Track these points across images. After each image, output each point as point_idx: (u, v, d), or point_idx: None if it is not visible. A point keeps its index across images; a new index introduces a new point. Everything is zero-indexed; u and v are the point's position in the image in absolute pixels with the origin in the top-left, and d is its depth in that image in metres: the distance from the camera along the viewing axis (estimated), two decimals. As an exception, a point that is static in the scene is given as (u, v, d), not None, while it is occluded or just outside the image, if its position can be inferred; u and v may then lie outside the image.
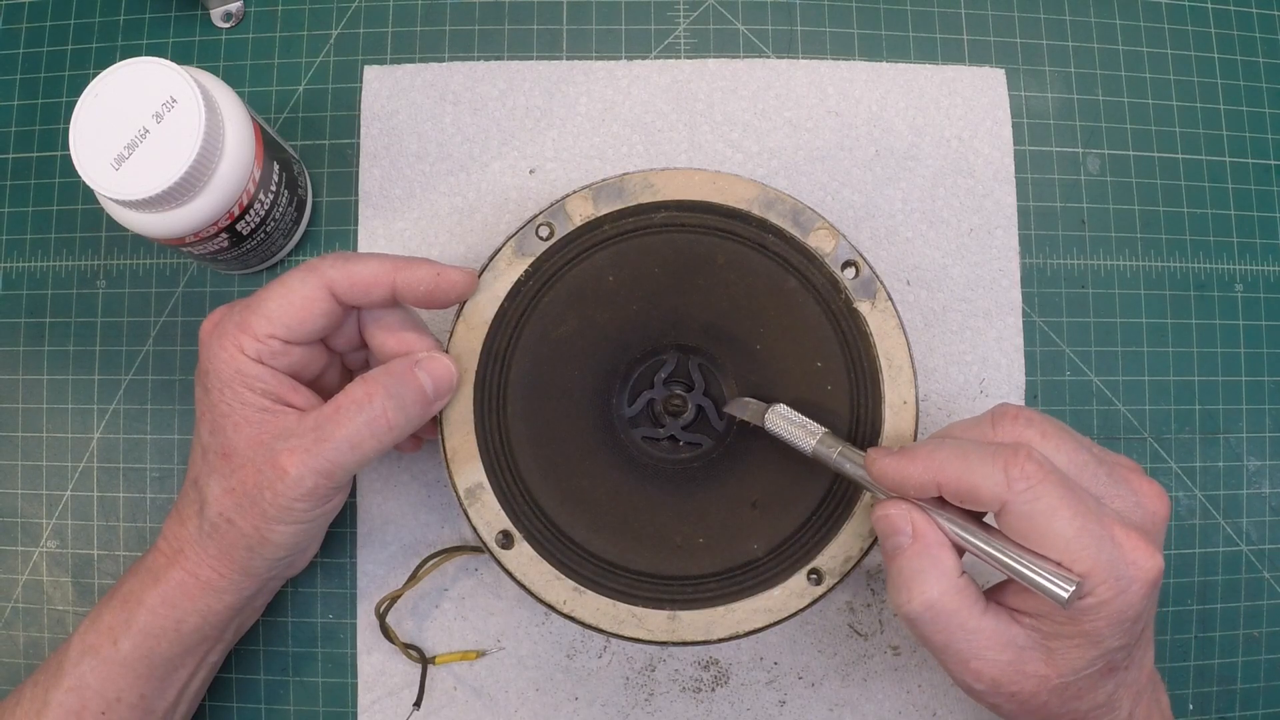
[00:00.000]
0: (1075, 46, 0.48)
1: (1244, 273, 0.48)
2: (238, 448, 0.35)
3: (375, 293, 0.36)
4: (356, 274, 0.35)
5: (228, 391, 0.35)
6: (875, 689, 0.45)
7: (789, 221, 0.39)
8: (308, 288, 0.35)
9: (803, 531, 0.38)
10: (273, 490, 0.34)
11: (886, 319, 0.39)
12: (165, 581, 0.37)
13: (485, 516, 0.38)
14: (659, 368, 0.42)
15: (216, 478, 0.35)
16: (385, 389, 0.35)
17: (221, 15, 0.47)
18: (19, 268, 0.47)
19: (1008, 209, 0.47)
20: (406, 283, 0.36)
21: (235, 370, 0.35)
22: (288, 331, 0.35)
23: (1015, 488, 0.31)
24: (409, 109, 0.46)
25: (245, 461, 0.35)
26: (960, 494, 0.32)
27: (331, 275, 0.35)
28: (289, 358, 0.36)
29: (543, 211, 0.39)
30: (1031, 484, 0.31)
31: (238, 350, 0.35)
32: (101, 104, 0.36)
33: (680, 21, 0.48)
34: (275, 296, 0.35)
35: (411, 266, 0.36)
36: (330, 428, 0.34)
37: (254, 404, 0.35)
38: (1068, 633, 0.32)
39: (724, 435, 0.41)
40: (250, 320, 0.35)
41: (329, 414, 0.35)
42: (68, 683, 0.36)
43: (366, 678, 0.44)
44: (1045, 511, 0.31)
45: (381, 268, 0.36)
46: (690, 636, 0.38)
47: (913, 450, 0.33)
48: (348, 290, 0.36)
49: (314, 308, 0.35)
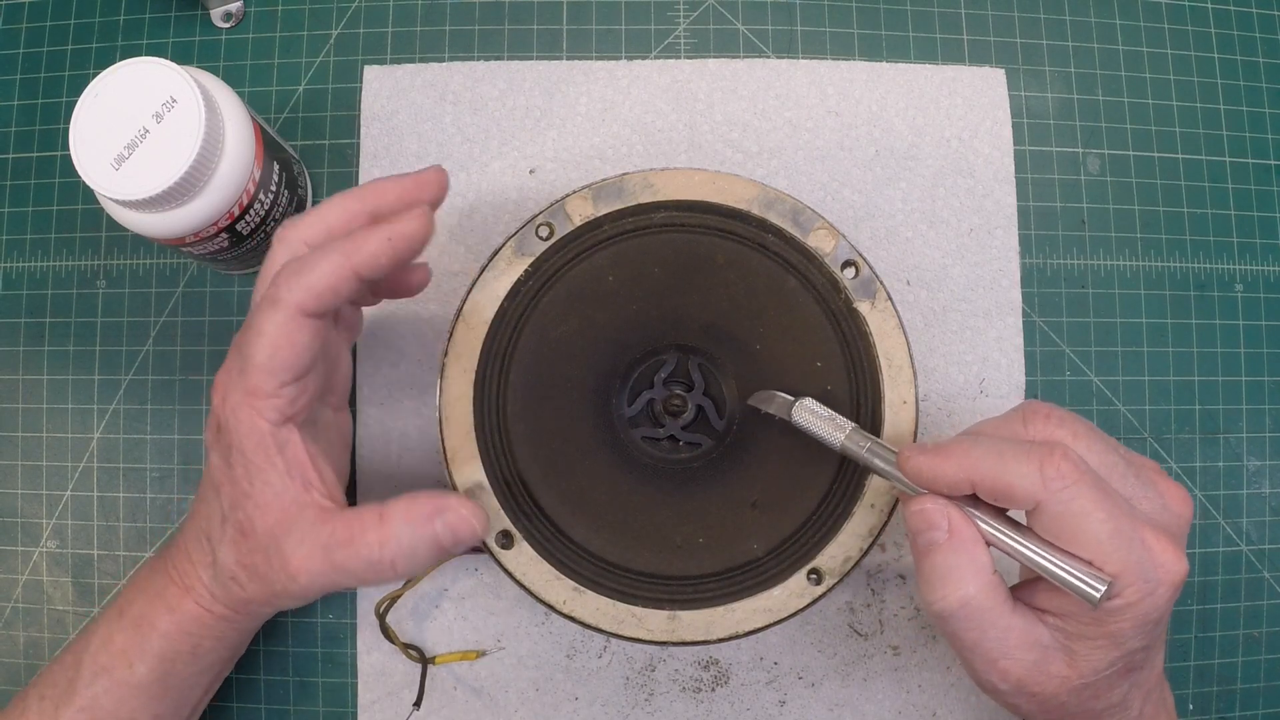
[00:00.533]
0: (1075, 46, 0.48)
1: (1244, 273, 0.48)
2: (255, 530, 0.34)
3: (343, 291, 0.33)
4: (314, 286, 0.33)
5: (250, 467, 0.34)
6: (875, 689, 0.45)
7: (789, 221, 0.39)
8: (279, 325, 0.33)
9: (803, 531, 0.38)
10: (283, 585, 0.34)
11: (886, 319, 0.39)
12: (179, 611, 0.36)
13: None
14: (659, 368, 0.42)
15: (229, 548, 0.35)
16: (398, 540, 0.33)
17: (221, 15, 0.47)
18: (19, 268, 0.47)
19: (1008, 209, 0.47)
20: (365, 266, 0.33)
21: (257, 442, 0.33)
22: (292, 373, 0.33)
23: (1051, 487, 0.31)
24: (409, 109, 0.46)
25: (259, 547, 0.34)
26: (995, 492, 0.32)
27: (298, 299, 0.33)
28: (306, 392, 0.35)
29: (542, 211, 0.39)
30: (1067, 484, 0.31)
31: (259, 418, 0.33)
32: (101, 104, 0.36)
33: (680, 21, 0.48)
34: (260, 347, 0.33)
35: (362, 245, 0.33)
36: (340, 556, 0.33)
37: (275, 483, 0.34)
38: (1091, 634, 0.32)
39: (724, 435, 0.41)
40: (254, 383, 0.33)
41: (342, 539, 0.33)
42: (80, 702, 0.36)
43: (366, 678, 0.44)
44: (1079, 512, 0.31)
45: (334, 265, 0.33)
46: (690, 636, 0.38)
47: (946, 447, 0.33)
48: (317, 305, 0.33)
49: (298, 337, 0.33)
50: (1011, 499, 0.32)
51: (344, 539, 0.33)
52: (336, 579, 0.34)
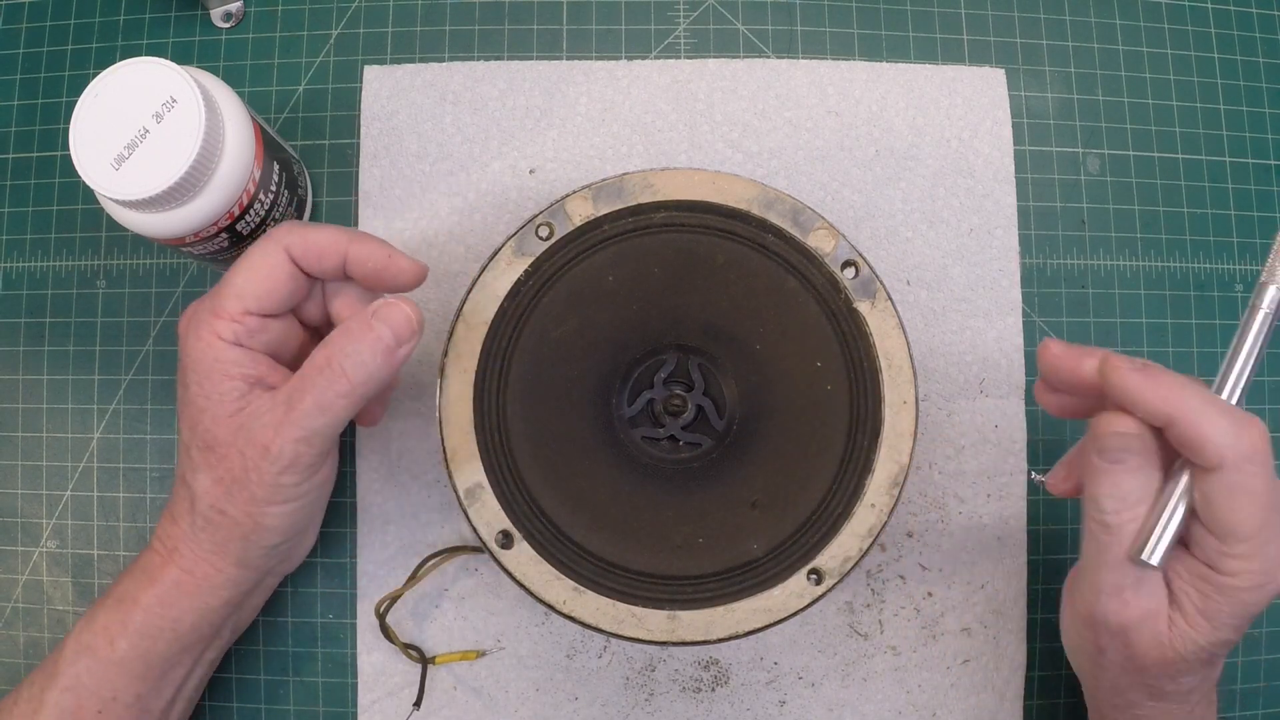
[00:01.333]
0: (1075, 46, 0.48)
1: (1244, 273, 0.48)
2: (219, 438, 0.35)
3: (329, 260, 0.37)
4: (312, 239, 0.36)
5: (206, 384, 0.35)
6: (875, 689, 0.45)
7: (789, 221, 0.39)
8: (269, 256, 0.36)
9: (803, 531, 0.38)
10: (258, 470, 0.35)
11: (886, 319, 0.39)
12: (160, 581, 0.37)
13: (485, 516, 0.38)
14: (659, 368, 0.42)
15: (203, 471, 0.36)
16: (342, 348, 0.35)
17: (221, 15, 0.47)
18: (19, 268, 0.47)
19: (1008, 209, 0.47)
20: (357, 256, 0.37)
21: (213, 359, 0.35)
22: (259, 303, 0.36)
23: (1242, 452, 0.31)
24: (409, 109, 0.46)
25: (228, 449, 0.35)
26: (1187, 437, 0.32)
27: (289, 240, 0.36)
28: (266, 334, 0.37)
29: (542, 211, 0.39)
30: (1255, 457, 0.31)
31: (214, 337, 0.35)
32: (101, 104, 0.36)
33: (680, 21, 0.48)
34: (240, 272, 0.36)
35: (365, 241, 0.37)
36: (297, 397, 0.35)
37: (231, 393, 0.35)
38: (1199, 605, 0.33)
39: (724, 435, 0.42)
40: (221, 303, 0.36)
41: (295, 384, 0.35)
42: (63, 682, 0.36)
43: (366, 678, 0.44)
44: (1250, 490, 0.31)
45: (336, 236, 0.37)
46: (690, 636, 0.38)
47: (1158, 374, 0.32)
48: (303, 254, 0.36)
49: (278, 273, 0.36)
50: (1200, 449, 0.31)
51: (295, 384, 0.35)
52: (304, 423, 0.35)
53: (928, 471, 0.45)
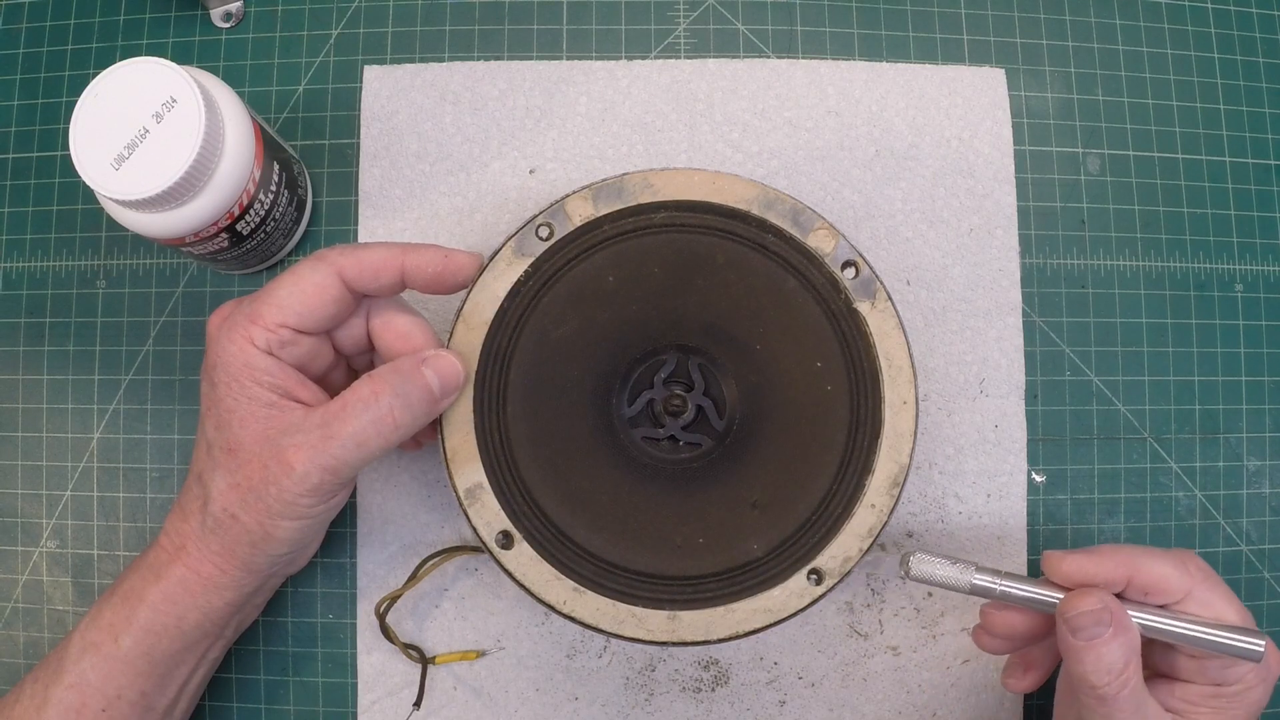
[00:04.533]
0: (1075, 46, 0.48)
1: (1244, 273, 0.48)
2: (244, 443, 0.35)
3: (384, 277, 0.36)
4: (365, 259, 0.36)
5: (235, 386, 0.35)
6: (875, 689, 0.45)
7: (789, 221, 0.39)
8: (318, 275, 0.36)
9: (803, 531, 0.38)
10: (278, 486, 0.34)
11: (886, 319, 0.39)
12: (167, 578, 0.37)
13: (485, 516, 0.38)
14: (659, 368, 0.42)
15: (221, 473, 0.35)
16: (392, 387, 0.35)
17: (221, 15, 0.47)
18: (19, 268, 0.47)
19: (1008, 209, 0.47)
20: (415, 265, 0.37)
21: (244, 363, 0.35)
22: (299, 319, 0.35)
23: (1196, 578, 0.36)
24: (409, 109, 0.46)
25: (251, 457, 0.35)
26: (1148, 585, 0.36)
27: (341, 262, 0.36)
28: (298, 349, 0.36)
29: (542, 211, 0.39)
30: (1206, 575, 0.36)
31: (247, 342, 0.35)
32: (101, 104, 0.36)
33: (680, 21, 0.48)
34: (286, 285, 0.36)
35: (419, 249, 0.37)
36: (337, 425, 0.34)
37: (261, 399, 0.35)
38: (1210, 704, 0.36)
39: (724, 435, 0.42)
40: (261, 310, 0.35)
41: (336, 411, 0.35)
42: (68, 679, 0.36)
43: (366, 678, 0.44)
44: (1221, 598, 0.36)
45: (390, 252, 0.37)
46: (690, 636, 0.38)
47: (1096, 551, 0.36)
48: (357, 275, 0.36)
49: (325, 294, 0.36)
50: (1166, 590, 0.36)
51: (336, 410, 0.35)
52: (337, 454, 0.34)
53: (928, 471, 0.45)
